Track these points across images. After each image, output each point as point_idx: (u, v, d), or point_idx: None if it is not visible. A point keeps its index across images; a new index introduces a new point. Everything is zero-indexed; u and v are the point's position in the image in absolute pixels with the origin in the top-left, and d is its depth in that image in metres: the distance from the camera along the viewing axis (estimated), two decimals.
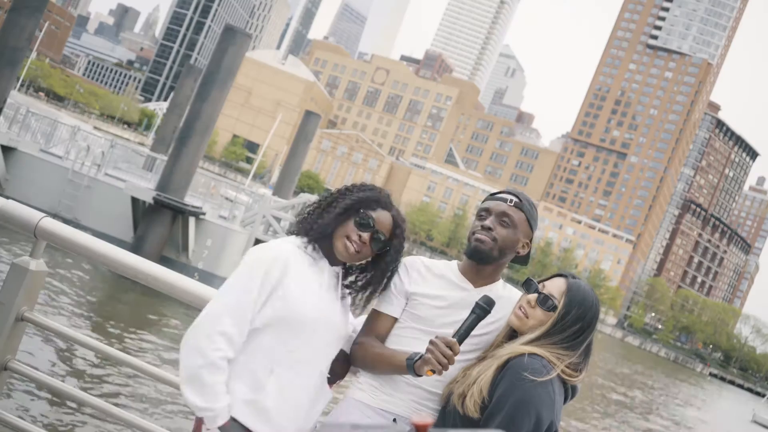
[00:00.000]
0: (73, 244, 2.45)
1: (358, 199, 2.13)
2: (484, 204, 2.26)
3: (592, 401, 24.95)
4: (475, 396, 1.94)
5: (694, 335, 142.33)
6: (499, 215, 2.19)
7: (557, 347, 2.00)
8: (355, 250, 2.10)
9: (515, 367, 1.92)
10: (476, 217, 2.26)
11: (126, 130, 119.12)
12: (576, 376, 2.01)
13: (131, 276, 2.42)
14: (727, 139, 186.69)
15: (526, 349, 1.97)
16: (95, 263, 2.46)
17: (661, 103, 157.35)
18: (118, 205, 17.57)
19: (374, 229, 2.13)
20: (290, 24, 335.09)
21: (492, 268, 2.23)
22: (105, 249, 2.45)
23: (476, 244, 2.17)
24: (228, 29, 17.82)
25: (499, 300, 2.20)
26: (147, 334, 12.27)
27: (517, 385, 1.88)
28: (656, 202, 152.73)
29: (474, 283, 2.23)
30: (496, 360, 1.99)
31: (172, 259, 17.31)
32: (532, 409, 1.86)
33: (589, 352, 2.07)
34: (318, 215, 2.14)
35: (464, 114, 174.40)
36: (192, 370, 1.90)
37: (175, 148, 17.39)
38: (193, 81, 26.59)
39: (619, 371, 45.71)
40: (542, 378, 1.89)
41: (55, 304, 11.58)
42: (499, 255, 2.18)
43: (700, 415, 40.24)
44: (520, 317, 2.08)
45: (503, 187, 48.85)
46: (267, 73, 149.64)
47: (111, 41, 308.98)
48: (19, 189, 17.82)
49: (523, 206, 2.22)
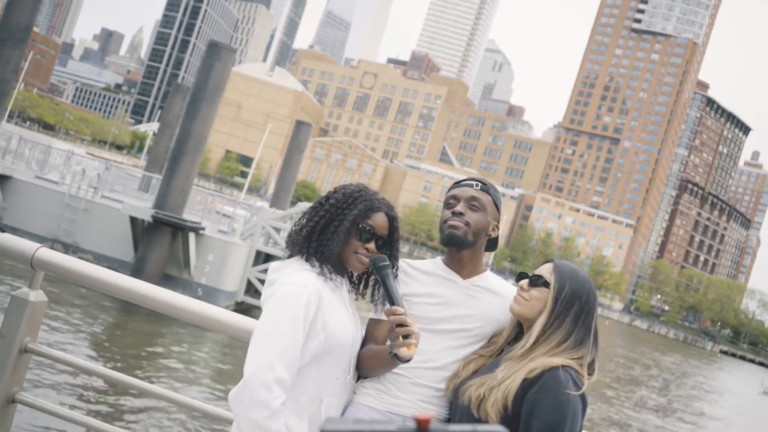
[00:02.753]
0: (71, 273, 2.45)
1: (355, 217, 2.12)
2: (450, 192, 2.30)
3: (609, 385, 25.04)
4: (498, 404, 1.92)
5: (701, 314, 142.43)
6: (468, 200, 2.24)
7: (574, 350, 1.99)
8: (367, 261, 2.14)
9: (554, 383, 1.89)
10: (445, 206, 2.30)
11: (119, 154, 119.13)
12: (590, 379, 2.00)
13: (131, 300, 2.42)
14: (718, 116, 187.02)
15: (557, 362, 1.94)
16: (95, 290, 2.59)
17: (649, 86, 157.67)
18: (117, 226, 17.64)
19: (377, 236, 2.16)
20: (275, 35, 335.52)
21: (470, 253, 2.26)
22: (103, 275, 2.45)
23: (450, 230, 2.21)
24: (212, 45, 17.93)
25: (490, 291, 2.27)
26: (154, 356, 12.31)
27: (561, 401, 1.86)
28: (653, 184, 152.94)
29: (461, 274, 2.27)
30: (522, 372, 1.94)
31: (175, 276, 17.38)
32: (575, 425, 1.86)
33: (596, 344, 2.06)
34: (319, 239, 2.13)
35: (455, 112, 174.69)
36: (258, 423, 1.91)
37: (169, 167, 17.46)
38: (182, 99, 26.65)
39: (630, 355, 45.80)
40: (578, 393, 1.89)
41: (60, 332, 11.63)
42: (474, 239, 2.22)
43: (711, 391, 40.30)
44: (520, 302, 2.10)
45: (499, 183, 49.12)
46: (255, 86, 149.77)
47: (97, 66, 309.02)
48: (17, 217, 17.89)
49: (488, 189, 2.28)
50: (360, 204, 2.15)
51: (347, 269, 2.22)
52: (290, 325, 1.97)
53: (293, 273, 2.08)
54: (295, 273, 2.08)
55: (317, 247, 2.12)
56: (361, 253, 2.13)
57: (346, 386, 2.14)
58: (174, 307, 2.38)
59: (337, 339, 2.06)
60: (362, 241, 2.14)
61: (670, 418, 24.00)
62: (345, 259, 2.16)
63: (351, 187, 2.22)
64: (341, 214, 2.13)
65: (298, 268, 2.10)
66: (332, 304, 2.09)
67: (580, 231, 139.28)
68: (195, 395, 10.57)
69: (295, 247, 2.17)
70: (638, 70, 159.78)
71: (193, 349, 13.58)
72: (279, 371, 1.92)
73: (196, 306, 2.38)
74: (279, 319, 1.98)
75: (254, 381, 1.92)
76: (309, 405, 2.04)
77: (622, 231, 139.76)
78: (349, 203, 2.15)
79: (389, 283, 2.05)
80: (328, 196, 2.20)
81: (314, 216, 2.17)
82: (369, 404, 2.18)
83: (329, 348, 2.05)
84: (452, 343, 2.20)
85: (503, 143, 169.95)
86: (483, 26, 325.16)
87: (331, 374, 2.08)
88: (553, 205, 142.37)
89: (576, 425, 1.86)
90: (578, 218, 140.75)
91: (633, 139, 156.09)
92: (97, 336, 12.59)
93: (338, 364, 2.10)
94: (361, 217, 2.14)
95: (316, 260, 2.12)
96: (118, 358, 11.64)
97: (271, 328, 1.98)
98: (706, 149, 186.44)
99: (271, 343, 1.96)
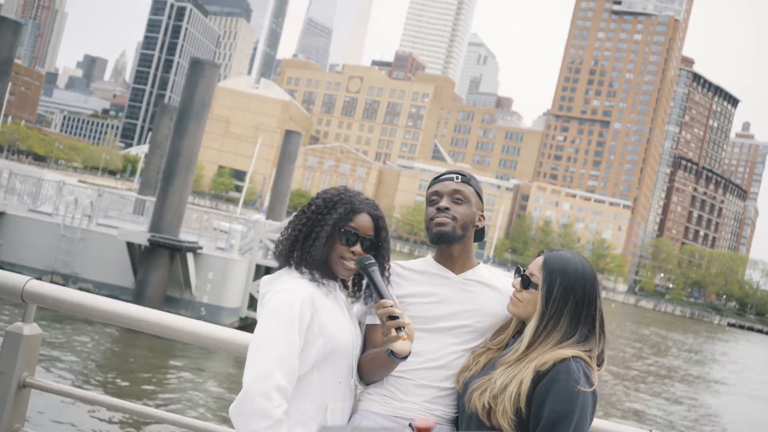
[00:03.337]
0: (63, 303, 2.43)
1: (335, 221, 2.09)
2: (431, 188, 2.27)
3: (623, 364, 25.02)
4: (508, 413, 1.88)
5: (705, 289, 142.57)
6: (451, 194, 2.21)
7: (580, 345, 1.95)
8: (354, 266, 2.11)
9: (564, 374, 1.86)
10: (428, 203, 2.26)
11: (112, 179, 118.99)
12: (600, 371, 1.97)
13: (125, 324, 2.40)
14: (706, 90, 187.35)
15: (568, 353, 1.90)
16: (88, 318, 2.58)
17: (635, 67, 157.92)
18: (115, 252, 17.55)
19: (361, 239, 2.12)
20: (257, 47, 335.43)
21: (460, 247, 2.23)
22: (95, 302, 2.42)
23: (438, 228, 2.19)
24: (195, 62, 17.84)
25: (484, 284, 2.23)
26: (156, 379, 12.21)
27: (571, 391, 1.83)
28: (646, 164, 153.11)
29: (453, 270, 2.24)
30: (530, 370, 1.90)
31: (177, 297, 17.29)
32: (583, 417, 1.84)
33: (603, 333, 2.00)
34: (302, 247, 2.11)
35: (443, 108, 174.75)
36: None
37: (162, 187, 17.37)
38: (170, 119, 26.57)
39: (640, 333, 45.80)
40: (591, 389, 1.85)
41: (59, 362, 11.54)
42: (462, 232, 2.20)
43: (721, 361, 40.31)
44: (515, 303, 2.08)
45: (494, 176, 48.83)
46: (242, 99, 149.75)
47: (83, 93, 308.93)
48: (14, 252, 17.80)
49: (469, 180, 2.26)
50: (340, 208, 2.11)
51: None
52: (285, 332, 1.94)
53: (284, 282, 2.06)
54: (286, 282, 2.06)
55: (302, 255, 2.10)
56: (347, 258, 2.10)
57: (350, 390, 2.12)
58: (169, 329, 2.35)
59: (336, 342, 2.04)
60: (347, 245, 2.10)
61: (696, 390, 23.97)
62: (332, 266, 2.12)
63: (331, 191, 2.18)
64: (322, 219, 2.10)
65: (289, 278, 2.08)
66: (328, 307, 2.06)
67: (578, 216, 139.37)
68: (200, 416, 10.50)
69: (282, 258, 2.14)
70: (622, 52, 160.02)
71: (195, 369, 13.49)
72: (278, 379, 1.90)
73: (192, 326, 2.35)
74: (274, 327, 1.96)
75: (253, 391, 1.89)
76: (314, 412, 2.02)
77: (619, 213, 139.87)
78: (329, 208, 2.12)
79: (376, 279, 2.03)
80: (309, 203, 2.17)
81: (297, 225, 2.14)
82: (374, 410, 2.15)
83: (329, 352, 2.03)
84: (452, 341, 2.17)
85: (494, 135, 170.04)
86: (464, 21, 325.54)
87: (333, 379, 2.06)
88: (549, 192, 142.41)
89: (585, 417, 1.83)
90: (575, 204, 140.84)
91: (623, 120, 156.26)
92: (98, 363, 12.50)
93: (340, 368, 2.07)
94: (343, 221, 2.10)
95: (305, 267, 2.09)
96: (120, 384, 11.56)
97: (267, 337, 1.95)
98: (697, 124, 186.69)
99: (268, 351, 1.93)
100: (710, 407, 22.99)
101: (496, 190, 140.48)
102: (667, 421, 18.39)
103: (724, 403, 24.85)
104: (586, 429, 1.84)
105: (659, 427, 17.28)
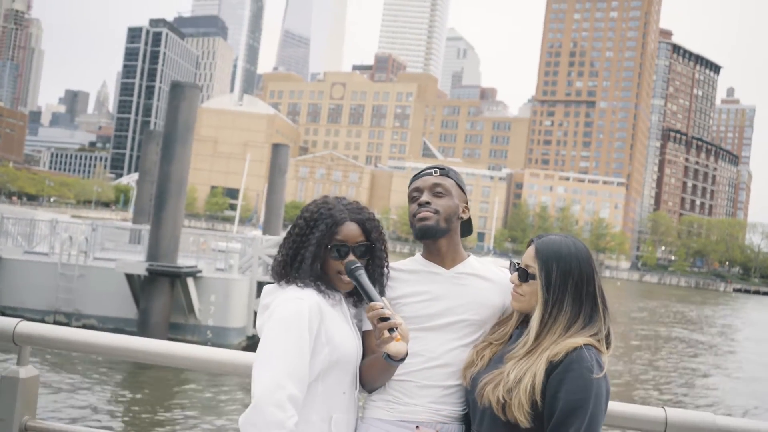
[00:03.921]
0: (56, 341, 2.40)
1: (318, 240, 2.05)
2: (412, 185, 2.25)
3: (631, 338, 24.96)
4: (524, 406, 1.85)
5: (708, 257, 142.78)
6: (431, 188, 2.20)
7: (588, 327, 1.94)
8: (349, 280, 2.06)
9: (577, 363, 1.84)
10: (410, 200, 2.24)
11: (107, 211, 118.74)
12: (609, 352, 1.96)
13: (122, 357, 2.39)
14: (687, 60, 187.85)
15: (579, 341, 1.88)
16: (83, 353, 2.45)
17: (614, 44, 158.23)
18: (115, 285, 17.45)
19: (352, 248, 2.08)
20: (237, 64, 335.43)
21: (447, 241, 2.20)
22: (88, 337, 2.39)
23: (421, 223, 2.16)
24: (175, 86, 17.77)
25: (476, 276, 2.21)
26: (162, 409, 12.11)
27: (585, 380, 1.81)
28: (636, 139, 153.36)
29: (444, 265, 2.21)
30: (543, 362, 1.88)
31: (182, 323, 17.20)
32: (598, 405, 1.82)
33: (606, 310, 2.00)
34: (292, 268, 2.08)
35: (428, 106, 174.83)
36: None
37: (155, 214, 17.29)
38: (156, 145, 26.43)
39: (647, 308, 45.82)
40: (601, 375, 1.84)
41: (62, 402, 11.43)
42: (447, 225, 2.17)
43: (731, 325, 40.35)
44: (517, 298, 2.06)
45: (486, 167, 48.75)
46: (227, 118, 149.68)
47: (68, 128, 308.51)
48: (13, 295, 17.70)
49: (448, 173, 2.24)
50: (321, 224, 2.07)
51: None
52: (296, 340, 1.90)
53: (290, 291, 2.02)
54: (292, 291, 2.02)
55: (305, 272, 2.06)
56: (342, 272, 2.06)
57: (353, 401, 2.09)
58: (168, 356, 2.33)
59: (342, 352, 2.00)
60: (340, 258, 2.06)
61: (714, 357, 23.96)
62: (330, 281, 2.09)
63: (311, 207, 2.14)
64: (306, 240, 2.07)
65: (294, 287, 2.05)
66: (334, 317, 2.03)
67: (573, 199, 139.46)
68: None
69: (278, 278, 2.11)
70: (600, 31, 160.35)
71: (203, 398, 13.38)
72: (290, 389, 1.85)
73: (193, 351, 2.31)
74: (283, 335, 1.91)
75: (266, 401, 1.82)
76: (320, 423, 1.99)
77: (614, 191, 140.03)
78: (311, 227, 2.08)
79: (363, 282, 1.98)
80: (293, 225, 2.14)
81: (284, 247, 2.12)
82: (380, 417, 2.12)
83: (335, 361, 1.99)
84: (451, 337, 2.14)
85: (482, 127, 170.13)
86: (440, 17, 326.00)
87: (338, 389, 2.02)
88: (542, 178, 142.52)
89: (600, 406, 1.82)
90: (569, 186, 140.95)
91: (608, 98, 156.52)
92: (102, 399, 12.39)
93: (344, 378, 2.04)
94: (327, 237, 2.06)
95: (308, 280, 2.06)
96: (126, 419, 11.45)
97: (276, 346, 1.90)
98: (682, 95, 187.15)
99: (278, 361, 1.88)
100: (724, 382, 22.96)
101: (490, 181, 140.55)
102: (684, 395, 18.36)
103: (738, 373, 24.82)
104: (602, 417, 1.82)
105: (675, 403, 17.25)
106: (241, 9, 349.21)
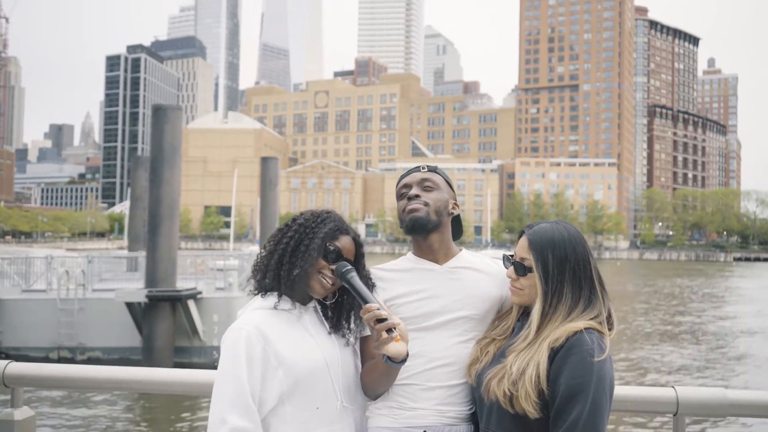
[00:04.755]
0: (47, 380, 2.37)
1: (325, 234, 2.03)
2: (400, 183, 2.23)
3: None
4: (531, 396, 1.82)
5: (705, 229, 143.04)
6: (420, 183, 2.18)
7: (588, 311, 1.92)
8: (330, 284, 2.03)
9: (578, 346, 1.82)
10: (399, 197, 2.22)
11: (103, 241, 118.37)
12: (612, 334, 1.93)
13: (116, 389, 2.36)
14: (665, 35, 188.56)
15: (579, 325, 1.86)
16: (77, 389, 2.41)
17: (591, 26, 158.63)
18: (116, 315, 17.33)
19: (344, 259, 2.05)
20: (219, 82, 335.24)
21: (438, 237, 2.17)
22: (80, 372, 2.36)
23: (411, 216, 2.13)
24: (156, 109, 17.68)
25: (470, 269, 2.18)
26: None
27: (586, 363, 1.79)
28: (622, 118, 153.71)
29: (437, 261, 2.18)
30: (545, 349, 1.86)
31: (187, 346, 17.09)
32: (610, 385, 1.81)
33: (605, 290, 1.98)
34: (288, 264, 2.02)
35: (413, 105, 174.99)
36: None
37: (150, 239, 17.18)
38: (145, 171, 26.34)
39: (650, 285, 45.85)
40: (602, 357, 1.81)
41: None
42: (437, 217, 2.14)
43: (734, 290, 40.41)
44: (517, 293, 2.03)
45: (476, 161, 48.64)
46: (214, 136, 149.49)
47: (56, 162, 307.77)
48: (15, 336, 17.56)
49: (436, 169, 2.23)
50: (329, 223, 2.07)
51: (311, 297, 2.09)
52: (233, 371, 1.87)
53: (240, 319, 2.00)
54: (241, 318, 2.00)
55: (286, 274, 2.02)
56: (326, 275, 2.02)
57: (338, 412, 2.00)
58: (163, 384, 2.29)
59: (298, 371, 1.93)
60: (328, 261, 2.02)
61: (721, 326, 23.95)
62: (308, 282, 2.03)
63: (313, 210, 2.16)
64: (311, 233, 2.04)
65: (248, 310, 2.03)
66: (285, 336, 1.96)
67: (566, 183, 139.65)
68: None
69: (263, 282, 2.08)
70: (576, 14, 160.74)
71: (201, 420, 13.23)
72: (233, 422, 1.82)
73: (187, 376, 2.29)
74: (222, 368, 1.89)
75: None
76: None
77: (606, 171, 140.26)
78: (318, 222, 2.07)
79: (356, 284, 1.94)
80: (287, 224, 2.11)
81: (281, 244, 2.06)
82: (385, 425, 2.06)
83: (294, 381, 1.93)
84: (452, 334, 2.10)
85: (468, 121, 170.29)
86: (416, 15, 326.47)
87: (309, 406, 1.95)
88: (533, 166, 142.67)
89: (603, 389, 1.78)
90: (561, 172, 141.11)
91: (590, 80, 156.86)
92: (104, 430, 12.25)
93: (313, 394, 1.96)
94: (330, 237, 2.05)
95: (278, 291, 2.04)
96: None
97: (219, 379, 1.89)
98: (663, 70, 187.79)
99: (220, 395, 1.87)
100: (734, 349, 22.92)
101: (481, 174, 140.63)
102: (697, 368, 18.31)
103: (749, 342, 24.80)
104: (605, 400, 1.78)
105: (689, 381, 17.19)
106: (217, 27, 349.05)
